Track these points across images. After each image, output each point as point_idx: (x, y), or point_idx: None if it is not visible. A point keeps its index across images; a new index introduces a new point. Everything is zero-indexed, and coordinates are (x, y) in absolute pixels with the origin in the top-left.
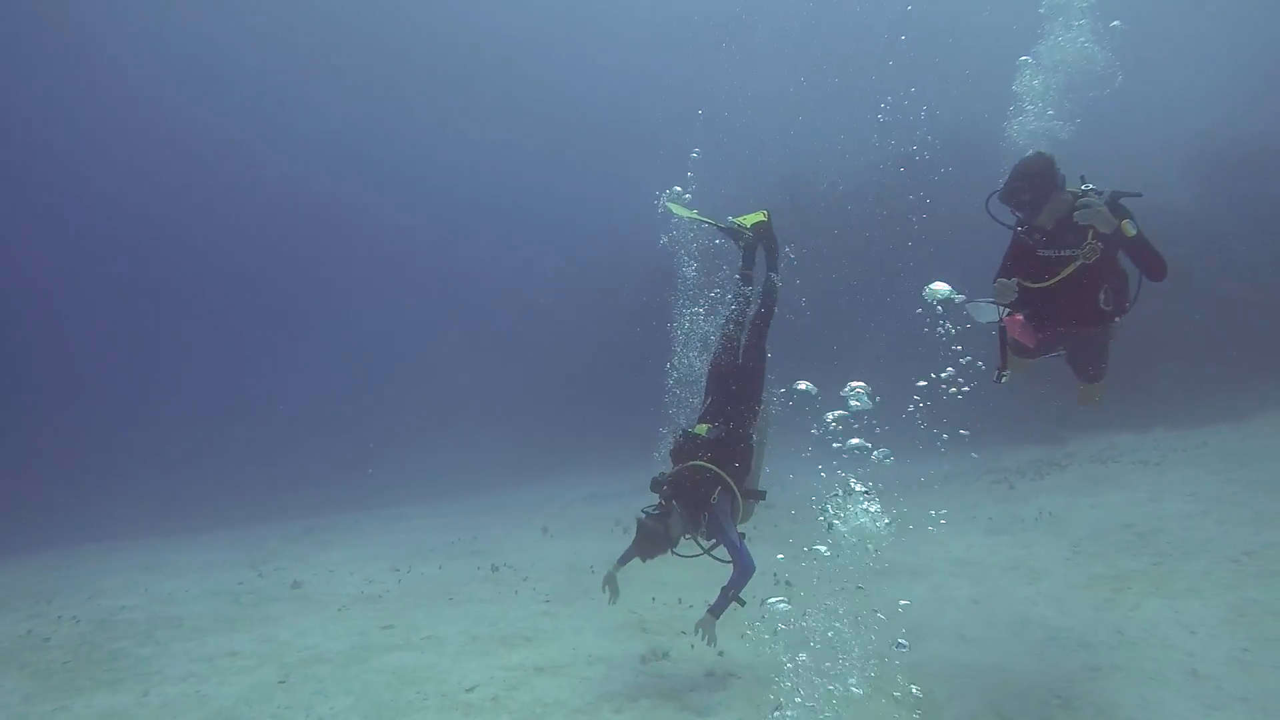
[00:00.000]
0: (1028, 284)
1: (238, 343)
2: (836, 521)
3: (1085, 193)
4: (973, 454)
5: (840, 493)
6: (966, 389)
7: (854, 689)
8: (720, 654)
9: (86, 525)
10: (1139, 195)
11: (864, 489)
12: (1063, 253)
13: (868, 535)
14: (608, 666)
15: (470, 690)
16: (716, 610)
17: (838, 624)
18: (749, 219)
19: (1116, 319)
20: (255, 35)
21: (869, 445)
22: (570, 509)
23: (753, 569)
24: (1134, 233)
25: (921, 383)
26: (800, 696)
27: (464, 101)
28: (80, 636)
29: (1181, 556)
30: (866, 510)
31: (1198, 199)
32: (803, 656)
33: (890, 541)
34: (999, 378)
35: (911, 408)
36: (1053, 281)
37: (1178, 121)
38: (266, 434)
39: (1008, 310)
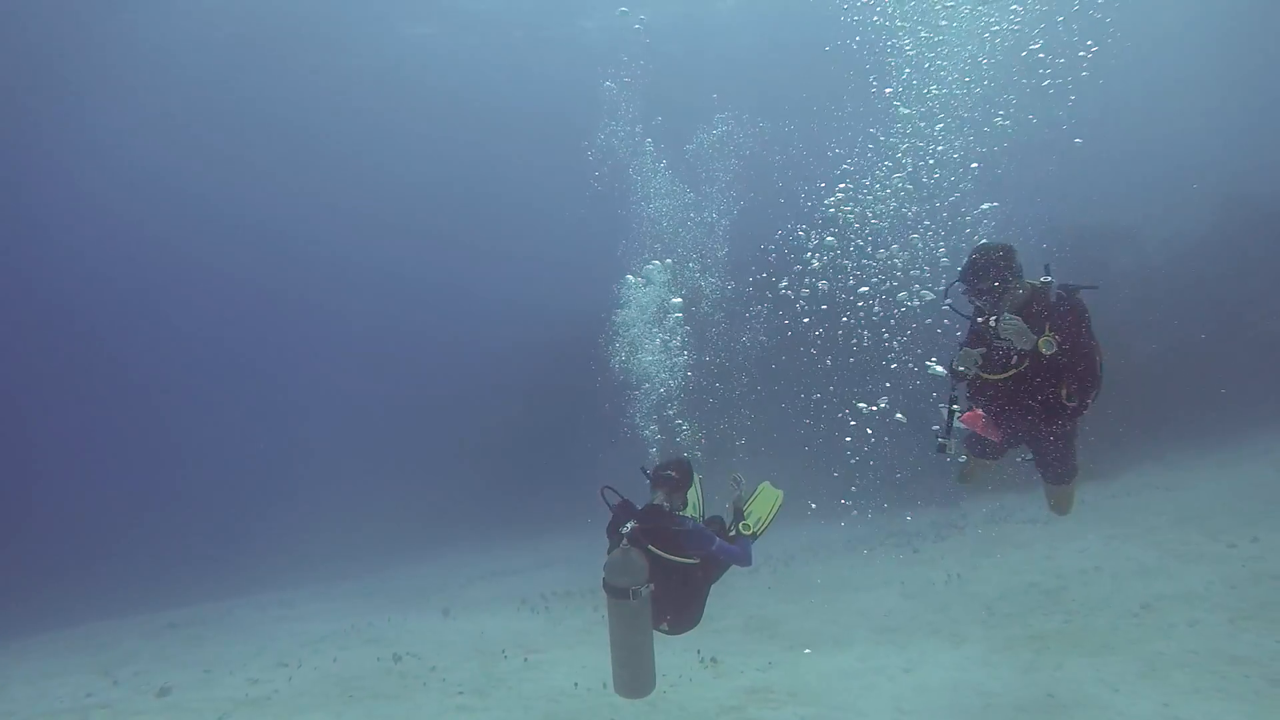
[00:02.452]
0: (985, 375)
1: (76, 415)
2: None
3: (1043, 285)
4: (871, 513)
5: None
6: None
7: None
8: None
9: None
10: (1095, 288)
11: None
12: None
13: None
14: None
15: None
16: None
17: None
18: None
19: (1078, 416)
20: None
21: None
22: (468, 589)
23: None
24: (1048, 352)
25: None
26: None
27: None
28: None
29: (1088, 613)
30: None
31: None
32: None
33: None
34: (940, 447)
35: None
36: (1010, 374)
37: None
38: (115, 513)
39: (963, 407)
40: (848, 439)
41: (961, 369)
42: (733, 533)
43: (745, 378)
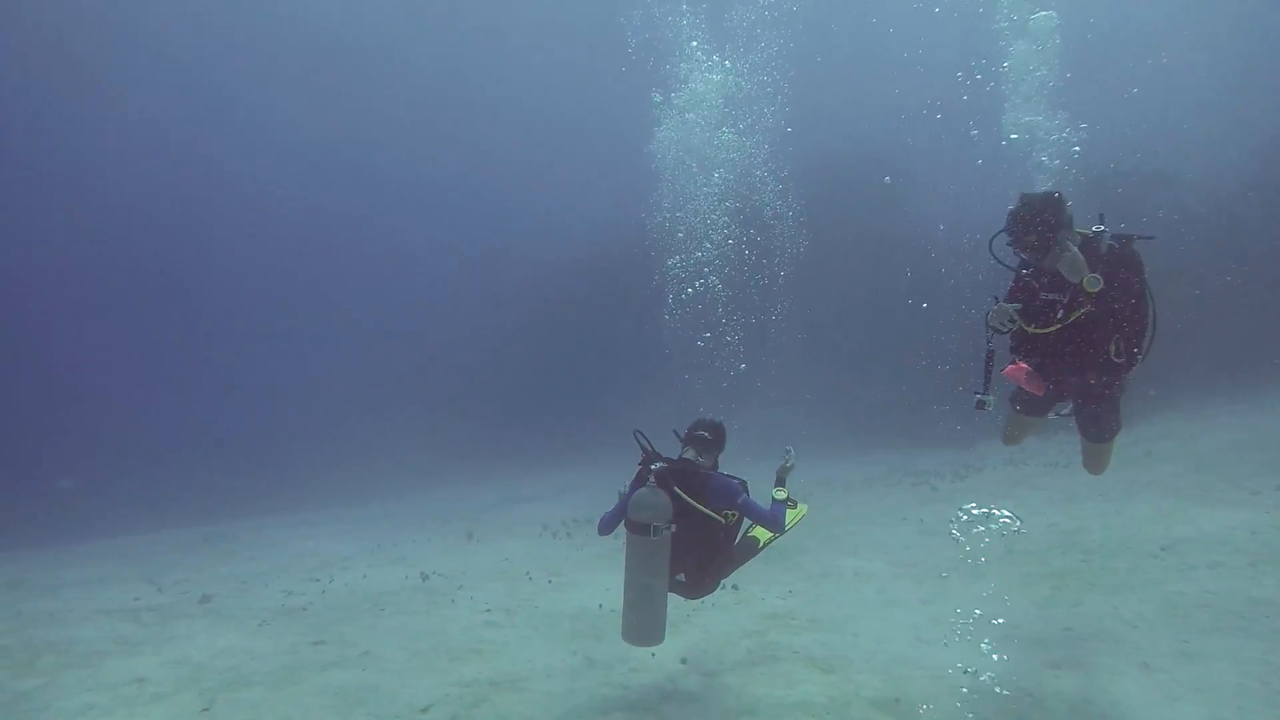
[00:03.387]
0: (1029, 329)
1: (128, 337)
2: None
3: (1096, 234)
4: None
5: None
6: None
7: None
8: (683, 662)
9: None
10: (1152, 238)
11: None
12: (1067, 297)
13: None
14: (568, 679)
15: (425, 710)
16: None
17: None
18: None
19: (1127, 372)
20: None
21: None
22: (490, 515)
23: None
24: (1093, 290)
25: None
26: (780, 690)
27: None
28: None
29: (1107, 554)
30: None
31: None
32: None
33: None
34: (980, 403)
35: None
36: (1055, 327)
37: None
38: (152, 436)
39: (1005, 361)
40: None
41: (996, 326)
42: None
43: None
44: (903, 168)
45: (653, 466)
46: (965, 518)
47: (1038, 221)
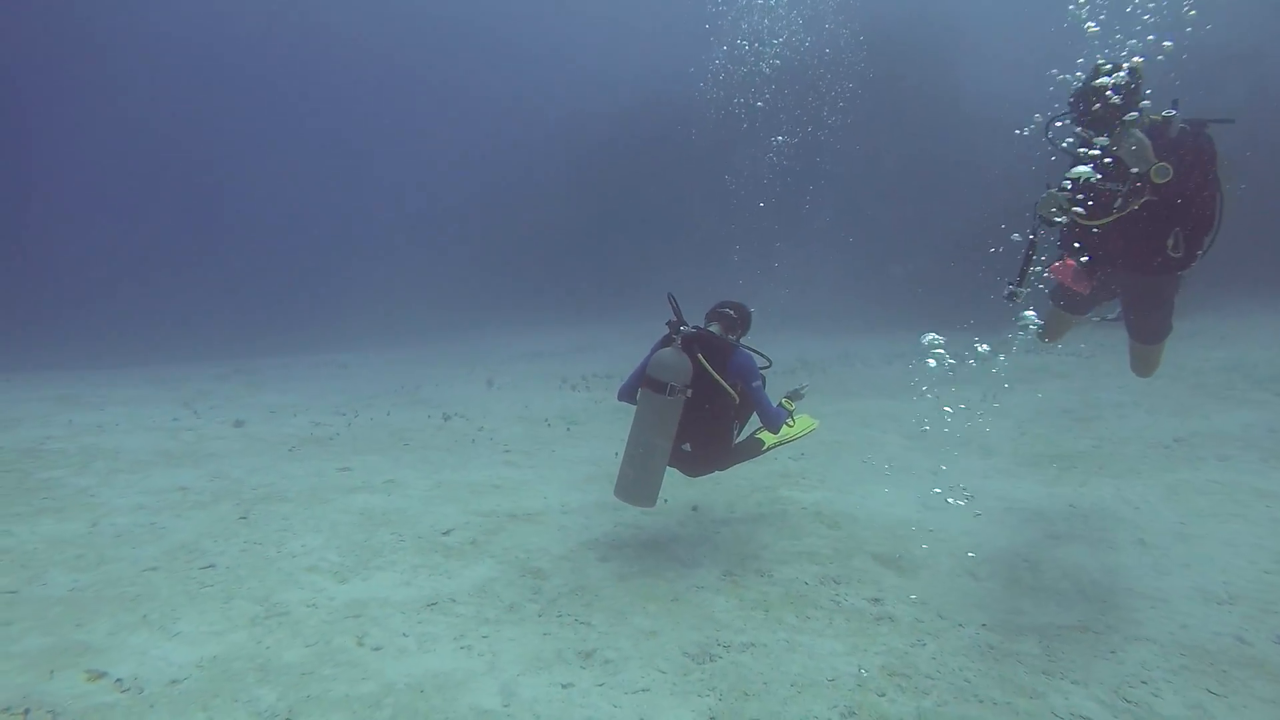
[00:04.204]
0: (1083, 220)
1: (164, 180)
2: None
3: (1164, 119)
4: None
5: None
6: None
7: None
8: (694, 509)
9: None
10: (1230, 121)
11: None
12: (1127, 187)
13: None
14: (584, 516)
15: (447, 533)
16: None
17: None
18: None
19: (1184, 270)
20: None
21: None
22: (510, 365)
23: (778, 424)
24: (1161, 180)
25: None
26: (786, 540)
27: None
28: (5, 464)
29: (1119, 441)
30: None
31: None
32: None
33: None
34: (1010, 295)
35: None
36: (1111, 219)
37: None
38: (181, 272)
39: (1052, 257)
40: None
41: (1045, 215)
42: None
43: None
44: (960, 30)
45: (681, 328)
46: (929, 346)
47: (1106, 97)
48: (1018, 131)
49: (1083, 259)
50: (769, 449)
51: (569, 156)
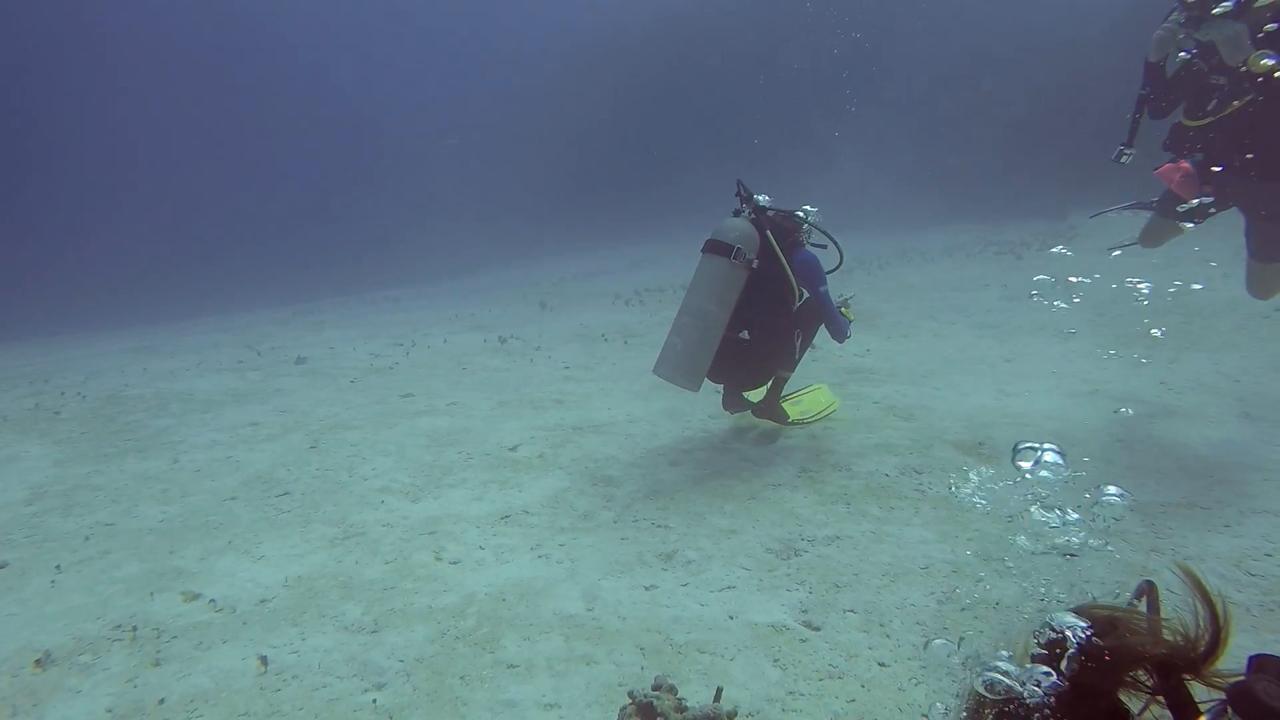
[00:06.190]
0: (1189, 122)
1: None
2: None
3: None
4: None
5: None
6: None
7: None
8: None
9: (49, 319)
10: None
11: None
12: (1231, 83)
13: None
14: (650, 424)
15: (514, 449)
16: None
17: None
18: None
19: None
20: None
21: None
22: (563, 286)
23: (844, 333)
24: (1260, 68)
25: None
26: (860, 434)
27: None
28: (91, 410)
29: (1210, 316)
30: None
31: None
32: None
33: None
34: (1119, 154)
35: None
36: (1208, 120)
37: None
38: (236, 224)
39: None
40: None
41: (1156, 58)
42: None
43: None
44: None
45: (754, 198)
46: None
47: None
48: None
49: (1195, 159)
50: (793, 423)
51: (611, 72)
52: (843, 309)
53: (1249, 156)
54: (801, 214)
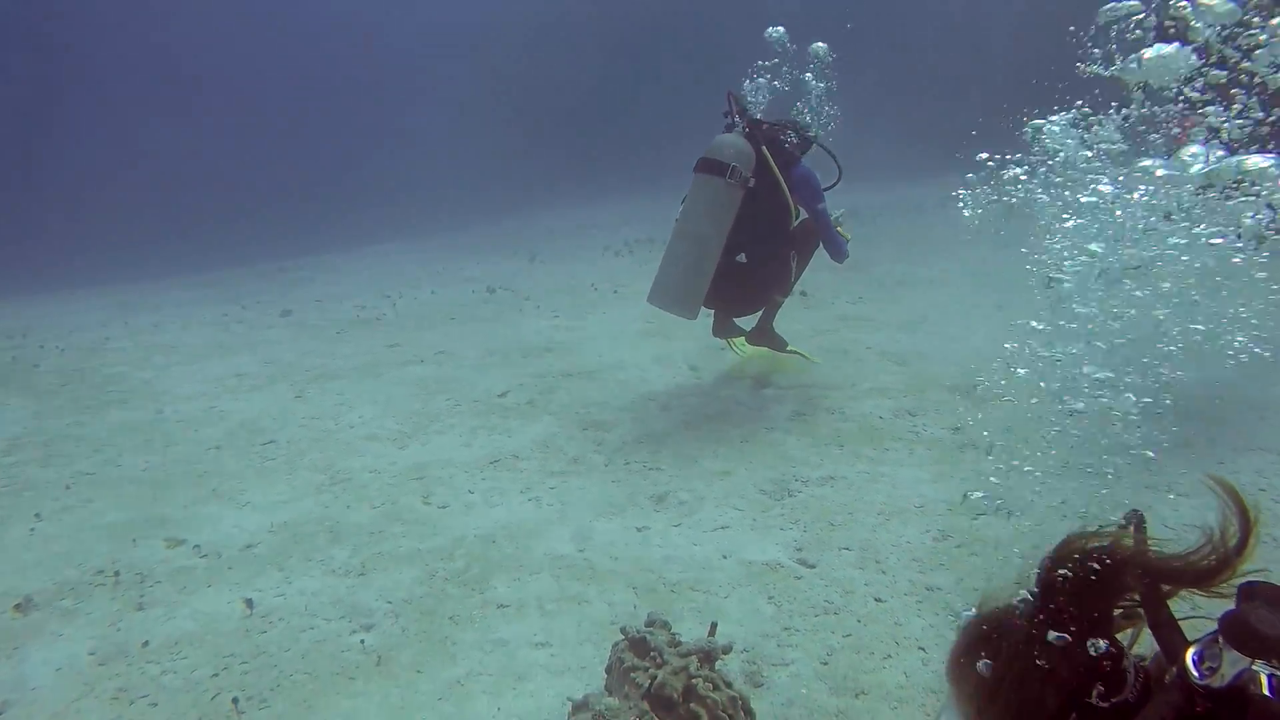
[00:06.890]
0: None
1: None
2: None
3: None
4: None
5: None
6: None
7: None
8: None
9: (26, 274)
10: None
11: None
12: None
13: None
14: (640, 370)
15: (503, 395)
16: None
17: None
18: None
19: None
20: None
21: None
22: (551, 241)
23: (843, 254)
24: None
25: None
26: (854, 379)
27: None
28: (71, 363)
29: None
30: None
31: None
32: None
33: None
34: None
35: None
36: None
37: None
38: (217, 176)
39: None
40: None
41: None
42: None
43: None
44: None
45: (746, 111)
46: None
47: None
48: None
49: None
50: (791, 352)
51: (597, 27)
52: (838, 227)
53: None
54: (806, 124)
